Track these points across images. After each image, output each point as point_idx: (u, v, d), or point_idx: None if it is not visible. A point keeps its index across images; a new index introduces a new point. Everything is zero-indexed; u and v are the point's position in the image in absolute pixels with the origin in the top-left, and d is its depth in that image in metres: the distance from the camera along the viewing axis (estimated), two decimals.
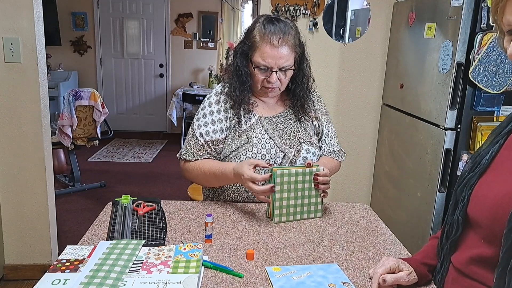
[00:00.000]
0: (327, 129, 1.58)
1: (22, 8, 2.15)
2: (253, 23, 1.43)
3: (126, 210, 1.33)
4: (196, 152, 1.45)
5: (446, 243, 0.94)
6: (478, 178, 0.89)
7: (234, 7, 6.07)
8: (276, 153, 1.44)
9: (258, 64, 1.38)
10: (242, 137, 1.45)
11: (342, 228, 1.32)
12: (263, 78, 1.41)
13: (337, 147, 1.59)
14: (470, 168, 0.92)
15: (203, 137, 1.45)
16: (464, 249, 0.90)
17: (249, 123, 1.47)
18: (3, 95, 2.23)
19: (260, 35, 1.37)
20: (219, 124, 1.46)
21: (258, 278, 1.00)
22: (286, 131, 1.48)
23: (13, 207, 2.36)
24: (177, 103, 5.47)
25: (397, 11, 2.66)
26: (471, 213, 0.88)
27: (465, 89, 2.01)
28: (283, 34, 1.36)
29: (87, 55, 6.18)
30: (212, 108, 1.49)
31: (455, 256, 0.92)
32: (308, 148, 1.47)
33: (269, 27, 1.36)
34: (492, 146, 0.90)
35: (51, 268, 0.98)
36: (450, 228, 0.92)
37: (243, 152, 1.42)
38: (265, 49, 1.36)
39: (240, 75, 1.43)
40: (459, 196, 0.92)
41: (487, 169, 0.89)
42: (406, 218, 2.43)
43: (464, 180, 0.92)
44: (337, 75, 2.85)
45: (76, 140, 3.85)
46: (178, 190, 4.11)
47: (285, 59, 1.37)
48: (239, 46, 1.45)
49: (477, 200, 0.86)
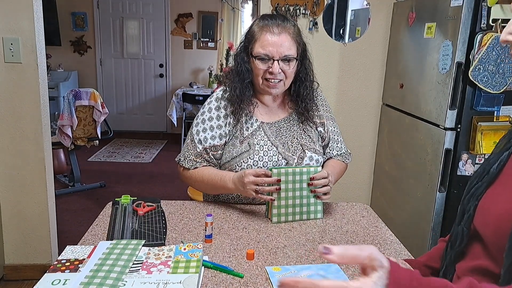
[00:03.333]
0: (333, 133, 1.55)
1: (22, 8, 2.15)
2: (252, 22, 1.43)
3: (126, 210, 1.33)
4: (195, 159, 1.44)
5: (451, 252, 0.92)
6: (486, 189, 0.86)
7: (234, 7, 6.07)
8: (278, 160, 1.41)
9: (259, 54, 1.35)
10: (243, 144, 1.42)
11: (342, 228, 1.32)
12: (265, 69, 1.36)
13: (344, 149, 1.59)
14: (479, 177, 0.88)
15: (201, 143, 1.44)
16: (469, 260, 0.88)
17: (251, 129, 1.44)
18: (3, 95, 2.23)
19: (259, 27, 1.36)
20: (218, 130, 1.44)
21: (258, 278, 1.00)
22: (289, 138, 1.45)
23: (13, 207, 2.36)
24: (177, 103, 5.47)
25: (397, 11, 2.66)
26: (477, 225, 0.85)
27: (465, 89, 2.01)
28: (282, 22, 1.35)
29: (87, 55, 6.18)
30: (211, 114, 1.46)
31: (459, 265, 0.90)
32: (311, 155, 1.45)
33: (267, 18, 1.37)
34: (501, 154, 0.86)
35: (51, 268, 0.98)
36: (454, 239, 0.90)
37: (244, 159, 1.40)
38: (264, 37, 1.34)
39: (240, 71, 1.40)
40: (466, 206, 0.89)
41: (495, 180, 0.85)
42: (406, 218, 2.43)
43: (471, 190, 0.89)
44: (337, 75, 2.85)
45: (76, 140, 3.85)
46: (178, 190, 4.11)
47: (286, 47, 1.34)
48: (239, 45, 1.44)
49: (482, 213, 0.84)
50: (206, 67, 6.26)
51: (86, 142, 3.94)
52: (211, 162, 1.46)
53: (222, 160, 1.46)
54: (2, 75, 2.21)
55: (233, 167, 1.41)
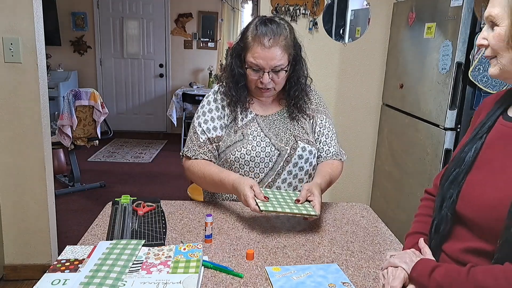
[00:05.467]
0: (323, 128, 1.54)
1: (22, 8, 2.15)
2: (248, 24, 1.44)
3: (126, 210, 1.33)
4: (198, 149, 1.46)
5: (436, 236, 0.97)
6: (465, 176, 0.92)
7: (234, 7, 6.07)
8: (271, 151, 1.44)
9: (251, 64, 1.40)
10: (237, 133, 1.46)
11: (342, 228, 1.32)
12: (256, 78, 1.42)
13: (335, 147, 1.55)
14: (455, 165, 0.95)
15: (204, 134, 1.46)
16: (456, 241, 0.93)
17: (245, 120, 1.48)
18: (3, 95, 2.23)
19: (252, 36, 1.39)
20: (218, 121, 1.48)
21: (258, 278, 1.00)
22: (282, 129, 1.49)
23: (13, 207, 2.36)
24: (177, 103, 5.47)
25: (397, 11, 2.66)
26: (461, 210, 0.91)
27: (465, 89, 2.01)
28: (274, 35, 1.36)
29: (87, 55, 6.18)
30: (211, 106, 1.50)
31: (447, 247, 0.95)
32: (304, 146, 1.46)
33: (261, 28, 1.38)
34: (475, 143, 0.94)
35: (51, 268, 0.98)
36: (438, 223, 0.96)
37: (237, 148, 1.43)
38: (256, 49, 1.37)
39: (234, 75, 1.45)
40: (446, 192, 0.94)
41: (472, 167, 0.92)
42: (406, 218, 2.43)
43: (450, 177, 0.95)
44: (337, 75, 2.85)
45: (76, 140, 3.85)
46: (178, 190, 4.11)
47: (276, 59, 1.37)
48: (234, 46, 1.47)
49: (470, 200, 0.89)
50: (206, 67, 6.26)
51: (86, 142, 3.94)
52: (213, 154, 1.47)
53: (218, 150, 1.48)
54: (2, 75, 2.20)
55: (227, 156, 1.44)
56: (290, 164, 1.45)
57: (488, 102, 1.03)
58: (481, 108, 1.05)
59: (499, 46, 0.85)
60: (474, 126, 1.01)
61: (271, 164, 1.44)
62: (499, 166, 0.86)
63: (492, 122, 0.94)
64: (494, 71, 0.89)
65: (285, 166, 1.45)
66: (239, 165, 1.44)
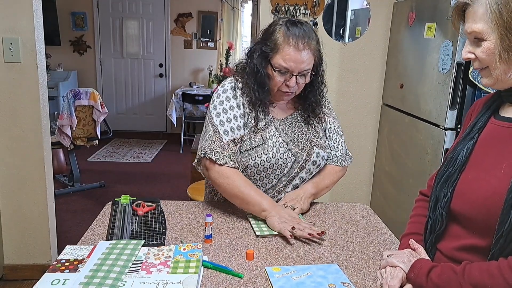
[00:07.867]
0: (332, 132, 1.53)
1: (21, 8, 2.14)
2: (273, 25, 1.37)
3: (125, 210, 1.33)
4: (222, 151, 1.35)
5: (431, 236, 0.98)
6: (459, 175, 0.93)
7: (234, 7, 6.07)
8: (288, 157, 1.40)
9: (279, 67, 1.33)
10: (257, 136, 1.39)
11: (342, 228, 1.32)
12: (282, 81, 1.34)
13: (341, 151, 1.53)
14: (448, 164, 0.96)
15: (228, 134, 1.36)
16: (451, 239, 0.94)
17: (264, 121, 1.42)
18: (3, 95, 2.22)
19: (284, 37, 1.32)
20: (241, 120, 1.39)
21: (258, 278, 1.00)
22: (298, 134, 1.45)
23: (13, 207, 2.36)
24: (177, 103, 5.47)
25: (397, 11, 2.66)
26: (457, 208, 0.92)
27: (465, 89, 2.01)
28: (307, 38, 1.31)
29: (86, 55, 6.18)
30: (231, 103, 1.39)
31: (442, 245, 0.96)
32: (318, 152, 1.43)
33: (293, 29, 1.32)
34: (467, 143, 0.95)
35: (50, 268, 0.98)
36: (434, 223, 0.97)
37: (258, 154, 1.36)
38: (288, 51, 1.31)
39: (259, 77, 1.36)
40: (439, 192, 0.95)
41: (465, 166, 0.93)
42: (406, 218, 2.42)
43: (443, 177, 0.96)
44: (337, 75, 2.85)
45: (75, 140, 3.85)
46: (178, 190, 4.11)
47: (306, 63, 1.32)
48: (258, 47, 1.38)
49: (465, 197, 0.90)
50: (206, 67, 6.26)
51: (86, 142, 3.94)
52: (237, 157, 1.38)
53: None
54: (1, 75, 2.20)
55: (245, 160, 1.37)
56: (304, 170, 1.42)
57: (478, 104, 1.04)
58: (472, 110, 1.06)
59: (490, 59, 0.86)
60: (465, 128, 1.02)
61: (286, 170, 1.40)
62: (492, 163, 0.88)
63: (483, 123, 0.95)
64: (488, 81, 0.90)
65: (298, 172, 1.42)
66: (256, 171, 1.38)
